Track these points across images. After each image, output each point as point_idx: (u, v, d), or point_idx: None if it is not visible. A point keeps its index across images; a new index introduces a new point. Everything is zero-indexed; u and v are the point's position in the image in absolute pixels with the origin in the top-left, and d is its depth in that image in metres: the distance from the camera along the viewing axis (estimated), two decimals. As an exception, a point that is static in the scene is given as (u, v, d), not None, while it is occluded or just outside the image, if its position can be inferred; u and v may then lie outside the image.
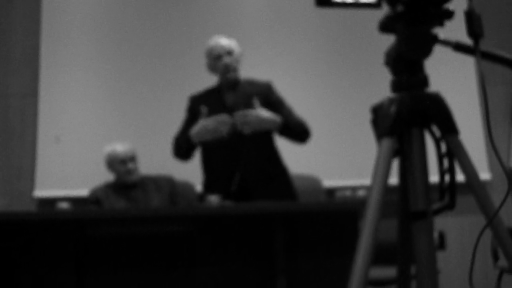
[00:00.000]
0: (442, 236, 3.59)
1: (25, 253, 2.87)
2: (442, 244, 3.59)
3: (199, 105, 3.47)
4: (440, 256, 4.84)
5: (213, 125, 3.22)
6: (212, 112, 3.36)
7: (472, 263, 1.25)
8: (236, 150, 3.33)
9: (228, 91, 3.47)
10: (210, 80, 3.81)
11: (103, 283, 2.87)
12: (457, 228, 5.02)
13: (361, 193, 3.41)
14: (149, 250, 2.90)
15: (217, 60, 3.45)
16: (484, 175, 5.04)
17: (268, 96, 3.45)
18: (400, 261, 1.39)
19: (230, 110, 3.36)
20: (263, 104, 3.38)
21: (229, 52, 3.45)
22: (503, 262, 2.91)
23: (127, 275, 2.87)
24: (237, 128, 3.24)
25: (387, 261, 3.29)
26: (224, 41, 3.48)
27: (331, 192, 4.56)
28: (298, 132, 3.41)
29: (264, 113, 3.26)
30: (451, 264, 4.92)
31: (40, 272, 2.85)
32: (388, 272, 3.36)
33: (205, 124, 3.24)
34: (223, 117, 3.22)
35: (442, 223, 4.90)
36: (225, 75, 3.44)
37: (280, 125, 3.30)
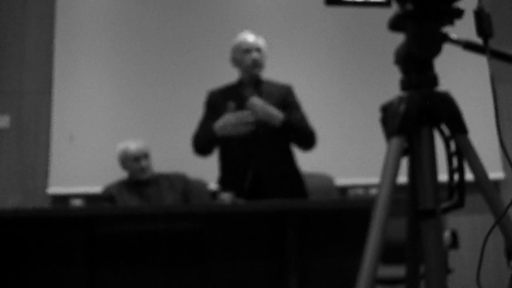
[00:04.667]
0: (455, 235, 3.57)
1: (38, 249, 2.89)
2: (455, 243, 3.57)
3: (218, 100, 3.49)
4: (453, 255, 4.82)
5: (235, 121, 3.24)
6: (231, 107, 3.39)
7: (480, 262, 1.25)
8: (251, 148, 3.34)
9: (249, 88, 3.49)
10: (223, 77, 3.81)
11: (115, 279, 2.88)
12: (470, 227, 4.99)
13: (373, 191, 3.41)
14: (160, 247, 2.91)
15: (244, 54, 3.47)
16: (498, 174, 5.00)
17: (286, 98, 3.48)
18: (409, 260, 1.39)
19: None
20: (280, 105, 3.40)
21: (258, 49, 3.48)
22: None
23: (138, 271, 2.89)
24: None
25: (396, 259, 3.28)
26: (253, 37, 3.52)
27: (343, 190, 4.54)
28: (302, 135, 3.42)
29: (271, 108, 3.28)
30: (464, 263, 4.90)
31: (52, 268, 2.87)
32: (397, 271, 3.35)
33: (229, 119, 3.26)
34: (246, 115, 3.24)
35: (455, 222, 4.88)
36: (251, 70, 3.46)
37: (283, 121, 3.29)
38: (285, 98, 3.46)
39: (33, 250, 2.89)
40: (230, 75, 3.68)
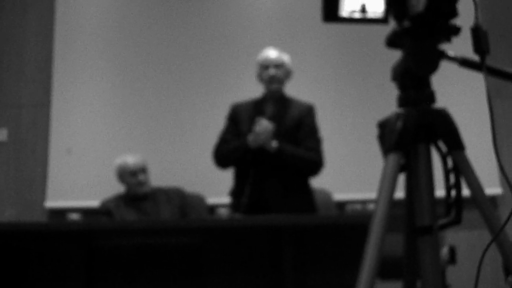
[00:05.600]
0: (453, 251, 3.56)
1: (35, 263, 2.88)
2: (453, 259, 3.56)
3: (242, 114, 3.52)
4: (451, 270, 4.80)
5: (265, 133, 3.27)
6: (252, 121, 3.39)
7: (477, 278, 1.25)
8: (253, 164, 3.34)
9: (271, 103, 3.52)
10: (223, 91, 3.81)
11: (112, 294, 2.87)
12: (469, 243, 4.98)
13: (371, 206, 3.40)
14: (158, 262, 2.90)
15: (264, 70, 3.50)
16: (495, 189, 4.99)
17: (305, 118, 3.50)
18: (406, 276, 1.39)
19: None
20: (297, 124, 3.43)
21: (278, 66, 3.50)
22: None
23: (136, 286, 2.88)
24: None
25: (393, 275, 3.28)
26: (275, 54, 3.55)
27: (341, 205, 4.54)
28: (295, 166, 3.42)
29: (270, 137, 3.29)
30: (462, 278, 4.88)
31: (50, 282, 2.86)
32: (394, 286, 3.33)
33: (259, 131, 3.27)
34: (271, 126, 3.27)
35: (453, 237, 4.87)
36: (269, 86, 3.49)
37: (277, 149, 3.32)
38: (303, 118, 3.48)
39: (31, 264, 2.88)
40: (231, 89, 3.69)
